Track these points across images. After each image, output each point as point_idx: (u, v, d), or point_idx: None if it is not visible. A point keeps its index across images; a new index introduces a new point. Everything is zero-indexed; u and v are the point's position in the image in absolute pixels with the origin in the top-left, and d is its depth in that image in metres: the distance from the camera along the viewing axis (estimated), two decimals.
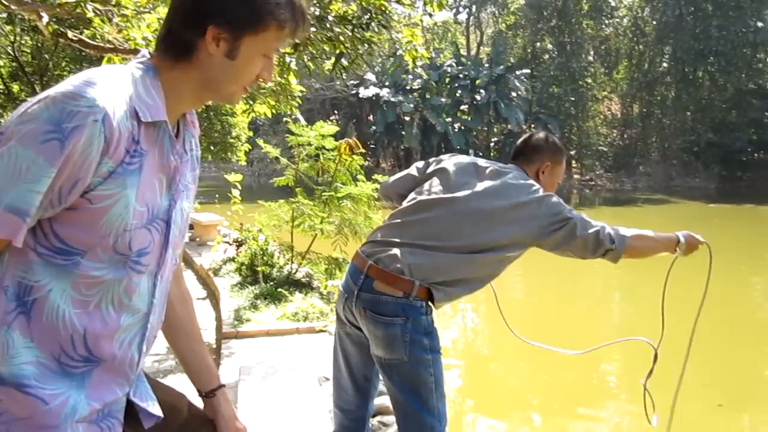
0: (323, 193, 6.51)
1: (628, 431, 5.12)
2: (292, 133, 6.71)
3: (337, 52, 5.05)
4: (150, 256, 1.22)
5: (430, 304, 2.22)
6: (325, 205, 6.50)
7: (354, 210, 6.36)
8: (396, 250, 2.21)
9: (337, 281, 5.87)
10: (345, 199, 6.38)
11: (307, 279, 6.73)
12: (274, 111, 6.76)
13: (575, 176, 37.43)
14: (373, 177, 6.53)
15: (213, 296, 6.96)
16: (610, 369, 6.54)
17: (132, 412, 1.30)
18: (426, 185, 2.39)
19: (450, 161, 2.44)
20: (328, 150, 6.64)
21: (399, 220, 2.32)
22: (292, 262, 6.80)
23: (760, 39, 34.35)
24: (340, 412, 2.45)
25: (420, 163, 2.54)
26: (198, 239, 9.96)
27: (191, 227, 10.63)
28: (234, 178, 7.77)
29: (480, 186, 2.29)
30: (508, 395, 5.80)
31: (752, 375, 6.11)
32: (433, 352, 2.20)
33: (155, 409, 1.33)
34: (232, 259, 7.44)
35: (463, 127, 36.32)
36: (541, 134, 2.56)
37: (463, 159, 2.46)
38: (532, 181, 2.35)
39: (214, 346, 5.46)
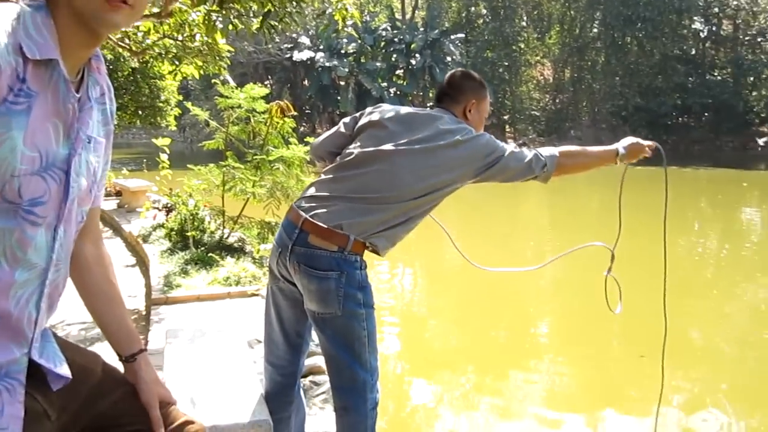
0: (254, 157, 6.39)
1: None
2: (223, 97, 6.54)
3: (265, 10, 4.91)
4: (46, 207, 1.15)
5: (364, 259, 2.22)
6: (256, 169, 6.38)
7: (286, 173, 6.27)
8: (332, 204, 2.19)
9: (270, 245, 5.80)
10: (277, 163, 6.29)
11: (240, 243, 6.64)
12: (202, 72, 6.56)
13: (509, 140, 37.99)
14: (306, 139, 6.45)
15: (142, 263, 6.80)
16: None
17: (38, 374, 1.24)
18: (359, 140, 2.36)
19: (378, 113, 2.41)
20: (259, 113, 6.51)
21: (333, 175, 2.29)
22: (224, 227, 6.69)
23: (686, 5, 35.31)
24: (271, 367, 2.43)
25: (347, 119, 2.50)
26: (126, 206, 9.67)
27: (119, 194, 10.31)
28: (162, 142, 7.56)
29: (415, 135, 2.28)
30: (449, 349, 5.89)
31: (672, 328, 6.36)
32: (366, 306, 2.20)
33: (63, 370, 1.28)
34: (162, 225, 7.26)
35: (398, 92, 36.23)
36: (459, 72, 2.55)
37: (391, 108, 2.44)
38: (463, 124, 2.36)
39: (144, 312, 5.34)
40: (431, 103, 2.54)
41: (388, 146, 2.26)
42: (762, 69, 34.82)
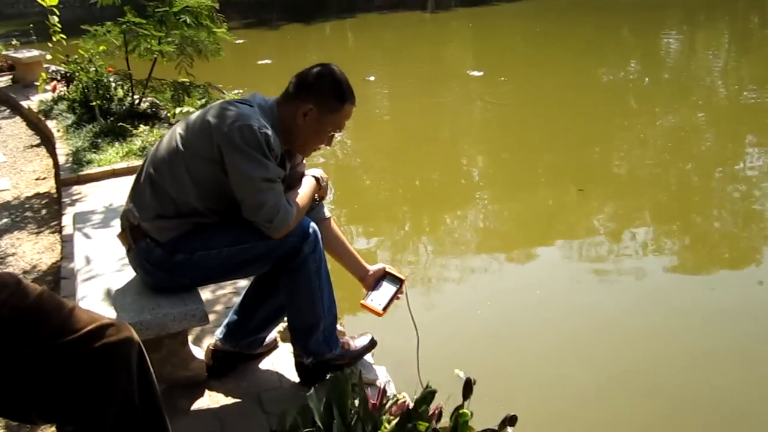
0: (156, 10, 5.65)
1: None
2: None
3: None
4: None
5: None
6: (160, 24, 5.67)
7: (195, 25, 5.59)
8: None
9: (187, 108, 5.27)
10: (182, 14, 5.57)
11: (153, 109, 6.05)
12: None
13: None
14: None
15: (47, 141, 6.15)
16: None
17: None
18: None
19: None
20: None
21: None
22: (133, 93, 6.04)
23: None
24: None
25: None
26: (21, 81, 8.70)
27: (12, 68, 9.24)
28: (49, 1, 6.62)
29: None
30: (385, 195, 5.61)
31: (605, 161, 6.18)
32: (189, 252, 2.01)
33: None
34: (63, 97, 6.54)
35: None
36: (320, 68, 2.08)
37: None
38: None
39: (55, 194, 4.83)
40: None
41: None
42: None
